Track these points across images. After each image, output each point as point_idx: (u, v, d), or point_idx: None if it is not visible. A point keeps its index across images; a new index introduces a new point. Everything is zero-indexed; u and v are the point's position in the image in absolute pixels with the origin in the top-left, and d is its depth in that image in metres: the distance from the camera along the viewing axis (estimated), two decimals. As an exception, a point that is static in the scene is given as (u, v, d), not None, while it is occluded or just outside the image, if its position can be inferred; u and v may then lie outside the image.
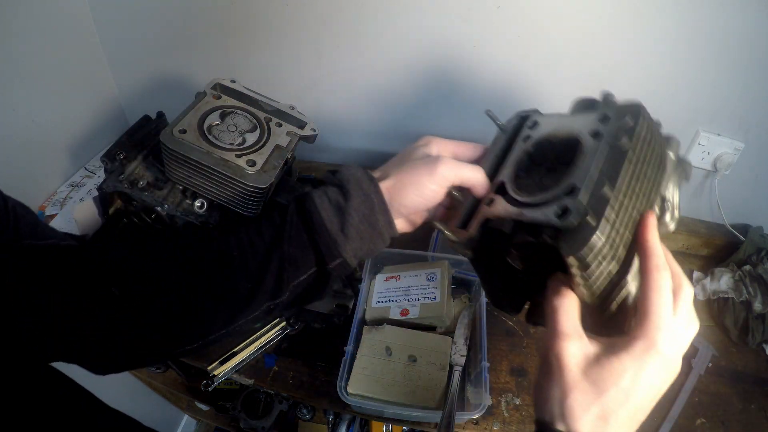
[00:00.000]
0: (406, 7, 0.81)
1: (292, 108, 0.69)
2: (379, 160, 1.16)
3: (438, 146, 0.44)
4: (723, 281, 0.89)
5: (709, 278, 0.91)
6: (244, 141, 0.63)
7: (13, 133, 0.82)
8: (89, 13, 0.94)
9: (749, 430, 0.73)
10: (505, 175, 0.41)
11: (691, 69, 0.80)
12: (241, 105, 0.67)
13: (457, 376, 0.68)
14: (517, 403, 0.73)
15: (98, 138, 1.01)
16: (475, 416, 0.63)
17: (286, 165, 0.66)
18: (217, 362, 0.75)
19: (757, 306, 0.83)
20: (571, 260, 0.32)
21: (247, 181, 0.59)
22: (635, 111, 0.37)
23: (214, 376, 0.74)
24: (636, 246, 0.34)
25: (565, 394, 0.32)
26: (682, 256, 1.00)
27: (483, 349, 0.68)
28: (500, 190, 0.40)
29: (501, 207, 0.38)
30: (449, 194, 0.42)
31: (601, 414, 0.31)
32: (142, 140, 0.70)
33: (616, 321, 0.36)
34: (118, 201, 0.72)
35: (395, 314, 0.74)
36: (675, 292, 0.33)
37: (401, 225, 0.43)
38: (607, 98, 0.41)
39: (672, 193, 0.38)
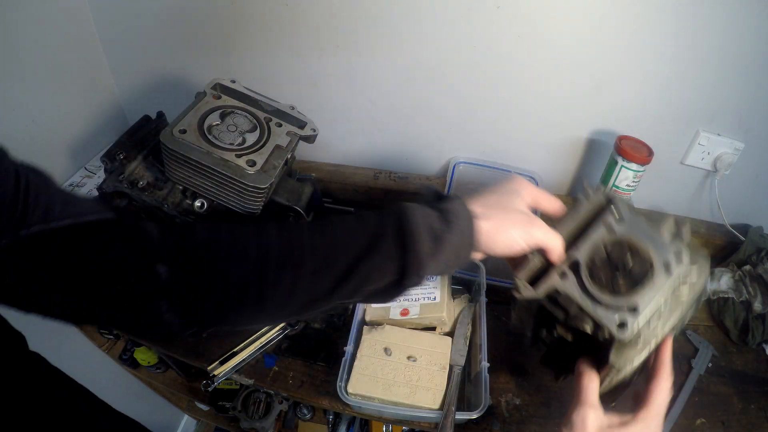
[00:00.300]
0: (406, 6, 0.81)
1: (292, 108, 0.69)
2: (379, 161, 1.17)
3: (531, 195, 0.47)
4: (723, 281, 0.89)
5: (709, 278, 0.91)
6: (244, 141, 0.63)
7: (12, 133, 0.82)
8: (89, 13, 0.94)
9: (749, 430, 0.73)
10: (581, 255, 0.46)
11: (691, 69, 0.80)
12: (241, 105, 0.67)
13: (457, 376, 0.68)
14: (517, 403, 0.73)
15: (98, 138, 1.01)
16: (475, 416, 0.63)
17: (286, 165, 0.66)
18: (217, 362, 0.75)
19: (757, 306, 0.83)
20: (613, 362, 0.43)
21: (247, 181, 0.59)
22: (703, 268, 0.46)
23: (214, 376, 0.74)
24: (655, 357, 0.45)
25: None
26: (682, 256, 1.00)
27: (483, 349, 0.68)
28: (574, 266, 0.46)
29: (574, 288, 0.45)
30: (529, 252, 0.47)
31: None
32: (142, 140, 0.70)
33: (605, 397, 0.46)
34: (118, 201, 0.72)
35: (395, 314, 0.74)
36: None
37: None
38: (617, 202, 0.49)
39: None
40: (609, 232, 0.47)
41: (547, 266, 0.47)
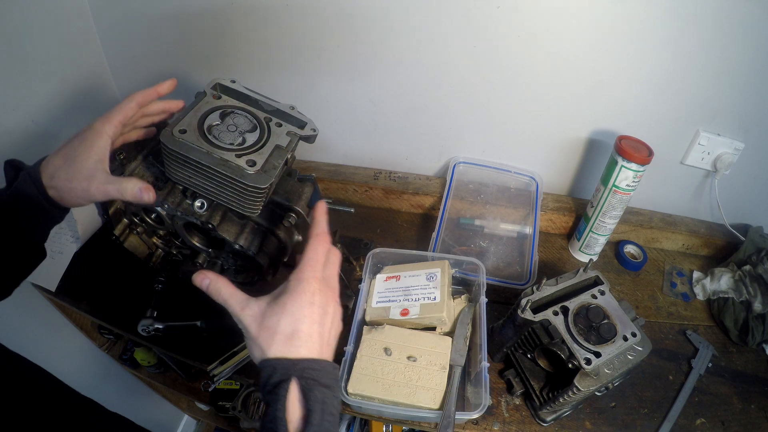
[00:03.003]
0: (407, 7, 0.81)
1: (292, 108, 0.69)
2: (379, 161, 1.17)
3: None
4: (723, 281, 0.89)
5: (709, 278, 0.91)
6: (244, 141, 0.63)
7: (13, 133, 0.82)
8: (89, 14, 0.94)
9: (749, 430, 0.73)
10: (571, 305, 0.65)
11: (691, 69, 0.80)
12: (241, 105, 0.67)
13: (457, 376, 0.68)
14: (517, 403, 0.73)
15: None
16: (475, 416, 0.63)
17: (286, 165, 0.66)
18: (217, 362, 0.75)
19: (757, 306, 0.83)
20: (576, 384, 0.60)
21: (247, 181, 0.58)
22: (646, 343, 0.65)
23: (214, 376, 0.74)
24: (313, 225, 0.51)
25: (255, 343, 0.43)
26: (682, 256, 1.00)
27: (483, 349, 0.68)
28: (564, 310, 0.64)
29: (561, 324, 0.63)
30: None
31: (284, 338, 0.42)
32: (142, 140, 0.70)
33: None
34: (118, 201, 0.72)
35: (395, 314, 0.74)
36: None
37: None
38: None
39: None
40: (592, 298, 0.66)
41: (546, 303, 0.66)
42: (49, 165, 0.54)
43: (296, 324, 0.43)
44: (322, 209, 0.53)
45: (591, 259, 0.88)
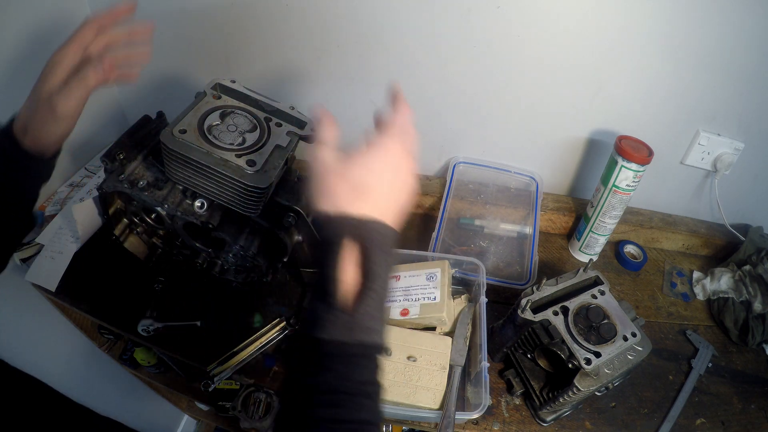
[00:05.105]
0: (407, 7, 0.81)
1: (292, 108, 0.69)
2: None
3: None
4: (723, 281, 0.89)
5: (709, 278, 0.91)
6: (244, 141, 0.63)
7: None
8: (90, 14, 0.94)
9: (749, 430, 0.73)
10: (572, 305, 0.65)
11: (691, 69, 0.80)
12: (241, 105, 0.67)
13: (457, 376, 0.68)
14: (517, 403, 0.73)
15: (98, 138, 1.01)
16: (475, 416, 0.63)
17: (286, 165, 0.66)
18: (217, 362, 0.75)
19: (757, 306, 0.83)
20: (576, 384, 0.60)
21: (247, 181, 0.58)
22: (646, 343, 0.65)
23: (214, 376, 0.74)
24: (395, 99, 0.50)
25: (318, 191, 0.40)
26: (682, 256, 1.00)
27: (483, 349, 0.68)
28: (564, 310, 0.65)
29: (561, 324, 0.63)
30: None
31: (349, 189, 0.39)
32: (142, 140, 0.70)
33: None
34: (118, 201, 0.72)
35: (395, 314, 0.74)
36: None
37: None
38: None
39: None
40: (592, 298, 0.66)
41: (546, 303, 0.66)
42: (19, 116, 0.53)
43: (365, 176, 0.40)
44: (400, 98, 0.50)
45: (591, 259, 0.88)
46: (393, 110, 0.48)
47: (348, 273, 0.36)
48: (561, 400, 0.63)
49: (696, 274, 0.94)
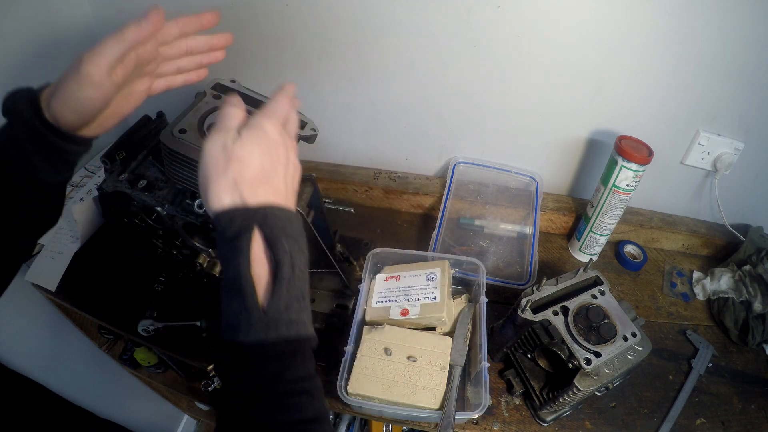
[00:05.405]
0: (407, 7, 0.81)
1: (292, 108, 0.69)
2: (379, 161, 1.16)
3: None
4: (723, 281, 0.89)
5: (709, 278, 0.91)
6: (244, 141, 0.63)
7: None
8: (90, 14, 0.94)
9: (749, 430, 0.73)
10: (572, 305, 0.65)
11: (691, 69, 0.80)
12: (241, 105, 0.67)
13: (457, 376, 0.68)
14: (517, 403, 0.73)
15: (98, 138, 1.01)
16: (475, 416, 0.63)
17: (286, 165, 0.66)
18: (217, 362, 0.75)
19: (757, 306, 0.83)
20: (576, 384, 0.60)
21: (247, 181, 0.58)
22: (646, 343, 0.65)
23: (214, 376, 0.74)
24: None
25: (209, 185, 0.38)
26: (682, 256, 1.00)
27: (483, 349, 0.68)
28: (564, 310, 0.65)
29: (561, 324, 0.63)
30: None
31: (231, 181, 0.37)
32: (142, 140, 0.70)
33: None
34: (118, 201, 0.72)
35: (395, 314, 0.74)
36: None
37: None
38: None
39: None
40: (592, 298, 0.66)
41: (546, 303, 0.66)
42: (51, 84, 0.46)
43: (257, 159, 0.37)
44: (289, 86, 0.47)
45: (591, 259, 0.88)
46: (271, 97, 0.45)
47: (258, 267, 0.34)
48: (561, 400, 0.63)
49: (696, 274, 0.94)
